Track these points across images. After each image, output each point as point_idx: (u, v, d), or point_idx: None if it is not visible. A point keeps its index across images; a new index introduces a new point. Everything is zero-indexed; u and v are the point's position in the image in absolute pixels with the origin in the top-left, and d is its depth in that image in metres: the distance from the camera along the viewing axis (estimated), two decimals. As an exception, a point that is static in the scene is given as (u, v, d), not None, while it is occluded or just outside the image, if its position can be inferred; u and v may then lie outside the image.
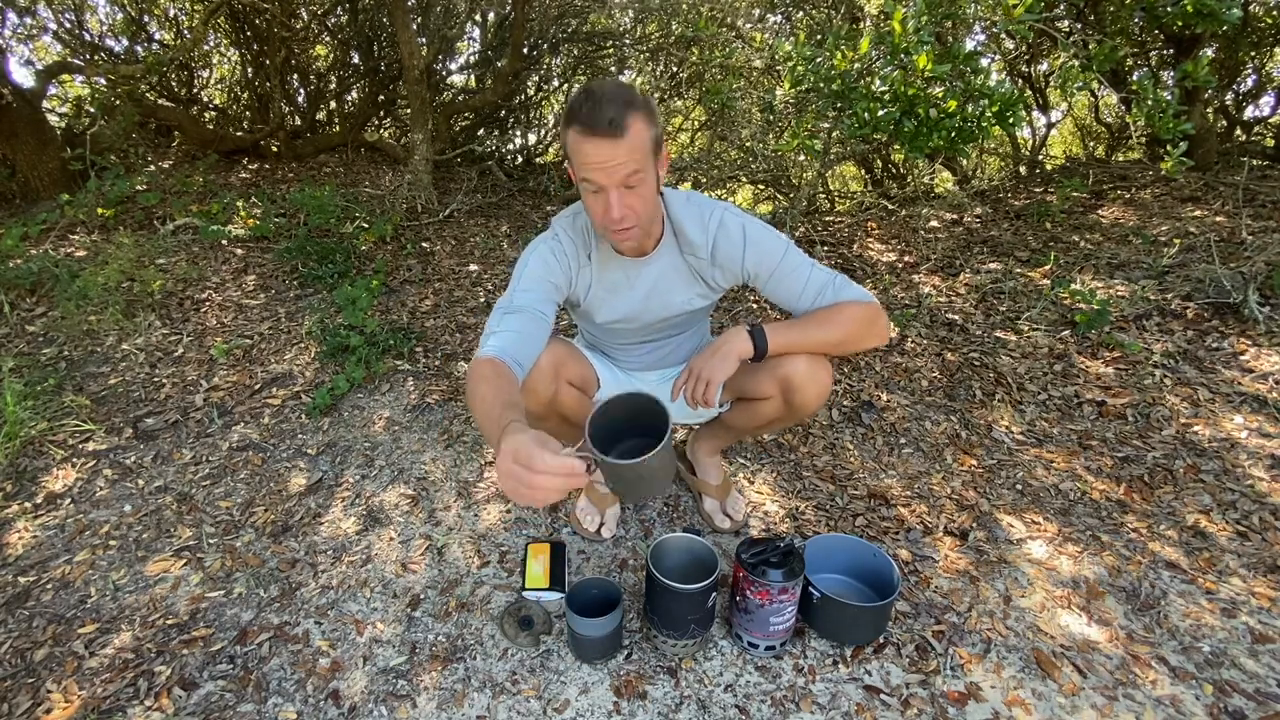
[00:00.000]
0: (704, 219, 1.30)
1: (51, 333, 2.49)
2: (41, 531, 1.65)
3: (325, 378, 2.29)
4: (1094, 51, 2.31)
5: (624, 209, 1.13)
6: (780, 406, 1.38)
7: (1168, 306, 2.41)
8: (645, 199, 1.15)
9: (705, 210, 1.30)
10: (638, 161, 1.09)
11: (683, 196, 1.32)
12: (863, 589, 1.45)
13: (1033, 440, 1.98)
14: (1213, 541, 1.59)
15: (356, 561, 1.56)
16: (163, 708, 1.23)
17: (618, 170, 1.09)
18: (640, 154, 1.09)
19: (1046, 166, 4.75)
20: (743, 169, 4.01)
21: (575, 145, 1.09)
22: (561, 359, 1.34)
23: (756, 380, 1.38)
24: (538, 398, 1.33)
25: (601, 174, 1.09)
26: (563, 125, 1.12)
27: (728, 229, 1.29)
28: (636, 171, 1.10)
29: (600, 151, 1.07)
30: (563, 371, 1.35)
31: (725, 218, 1.29)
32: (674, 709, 1.23)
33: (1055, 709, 1.23)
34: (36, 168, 3.44)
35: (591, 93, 1.07)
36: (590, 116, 1.05)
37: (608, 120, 1.05)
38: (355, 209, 3.46)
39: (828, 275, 1.30)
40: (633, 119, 1.07)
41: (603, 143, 1.06)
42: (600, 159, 1.08)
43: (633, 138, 1.07)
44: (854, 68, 2.44)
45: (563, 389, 1.36)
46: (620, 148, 1.07)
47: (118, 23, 4.47)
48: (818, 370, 1.32)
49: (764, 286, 1.32)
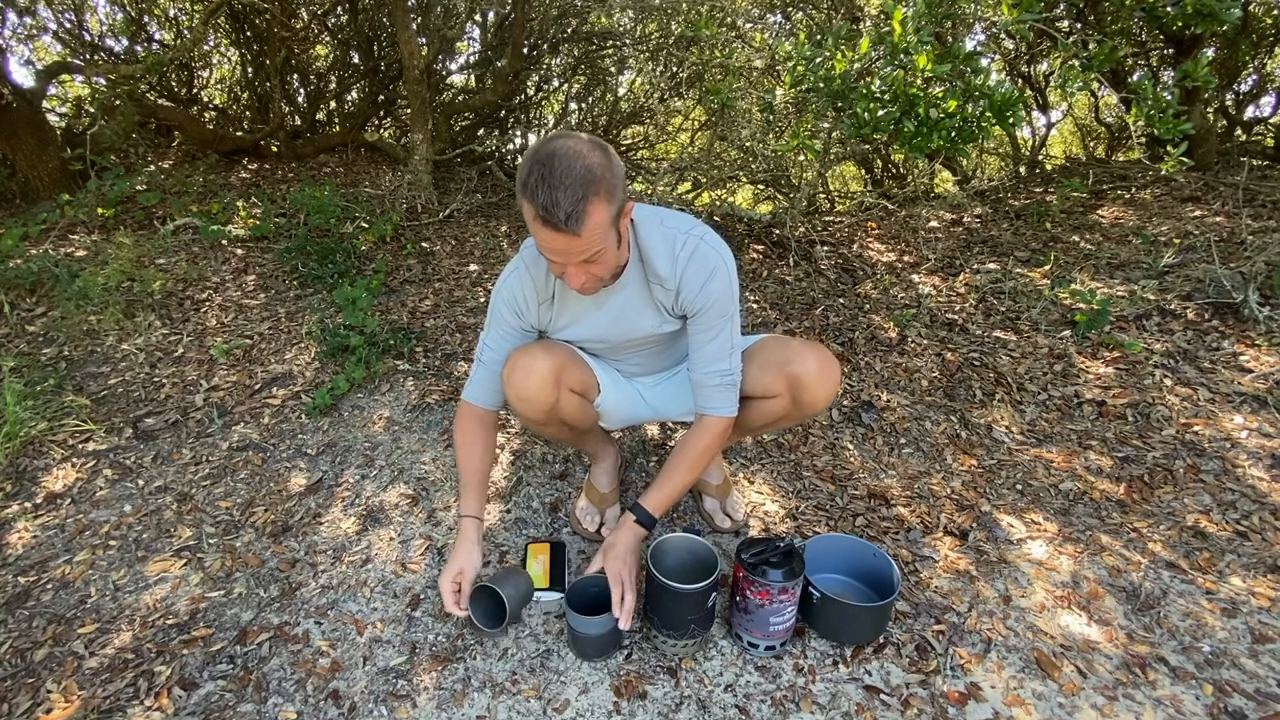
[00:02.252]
0: (674, 248, 1.24)
1: (51, 333, 2.49)
2: (41, 531, 1.65)
3: (325, 378, 2.29)
4: (1094, 51, 2.31)
5: (584, 277, 1.12)
6: (788, 404, 1.36)
7: (1168, 306, 2.41)
8: (606, 264, 1.13)
9: (679, 238, 1.24)
10: (597, 243, 1.06)
11: (656, 220, 1.25)
12: (863, 589, 1.45)
13: (1033, 440, 1.98)
14: (1213, 541, 1.59)
15: (356, 561, 1.56)
16: (163, 708, 1.23)
17: (575, 256, 1.07)
18: (599, 236, 1.05)
19: (1046, 166, 4.76)
20: (743, 169, 4.01)
21: (530, 223, 1.05)
22: (563, 365, 1.33)
23: (765, 379, 1.36)
24: (538, 406, 1.32)
25: (559, 257, 1.09)
26: (517, 188, 1.05)
27: (698, 262, 1.24)
28: (598, 251, 1.08)
29: (556, 242, 1.04)
30: (564, 378, 1.34)
31: (700, 248, 1.23)
32: (674, 709, 1.23)
33: (1055, 709, 1.23)
34: (36, 168, 3.43)
35: (551, 170, 0.99)
36: (546, 209, 1.00)
37: (563, 217, 1.00)
38: (355, 209, 3.46)
39: (726, 367, 1.30)
40: (591, 208, 1.01)
41: (558, 236, 1.03)
42: (557, 248, 1.06)
43: (591, 229, 1.02)
44: (854, 68, 2.44)
45: (564, 396, 1.35)
46: (577, 242, 1.04)
47: (118, 23, 4.47)
48: (827, 369, 1.31)
49: (690, 322, 1.31)
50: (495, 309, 1.36)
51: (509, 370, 1.32)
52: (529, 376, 1.29)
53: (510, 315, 1.35)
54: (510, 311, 1.35)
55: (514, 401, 1.34)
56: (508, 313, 1.35)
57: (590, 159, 1.02)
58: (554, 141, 1.03)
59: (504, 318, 1.36)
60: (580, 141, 1.04)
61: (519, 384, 1.30)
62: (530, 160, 1.02)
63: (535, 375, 1.29)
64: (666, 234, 1.25)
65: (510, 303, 1.34)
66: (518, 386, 1.31)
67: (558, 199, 0.99)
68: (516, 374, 1.31)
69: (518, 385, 1.31)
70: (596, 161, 1.02)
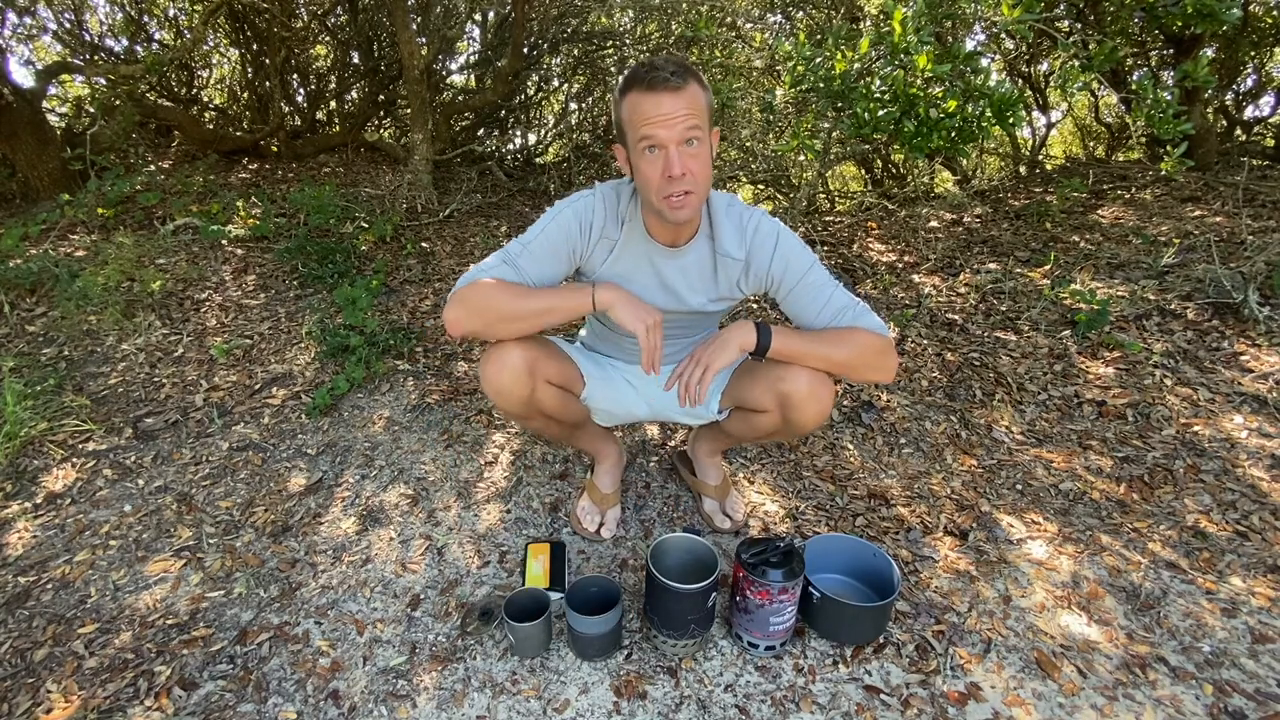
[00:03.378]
0: (742, 220, 1.30)
1: (51, 333, 2.49)
2: (41, 531, 1.65)
3: (325, 378, 2.29)
4: (1094, 51, 2.31)
5: (684, 165, 1.12)
6: (778, 421, 1.36)
7: (1168, 306, 2.41)
8: (703, 163, 1.15)
9: (744, 213, 1.31)
10: (697, 118, 1.11)
11: (725, 198, 1.32)
12: (863, 589, 1.45)
13: (1033, 440, 1.98)
14: (1213, 541, 1.59)
15: (356, 561, 1.56)
16: (163, 708, 1.23)
17: (679, 123, 1.10)
18: (699, 113, 1.11)
19: (1046, 166, 4.75)
20: (743, 169, 4.01)
21: (634, 105, 1.11)
22: (535, 358, 1.30)
23: (756, 393, 1.36)
24: (512, 397, 1.31)
25: (663, 127, 1.10)
26: (619, 94, 1.15)
27: (762, 233, 1.29)
28: (696, 127, 1.11)
29: (662, 104, 1.09)
30: (539, 370, 1.32)
31: (762, 222, 1.30)
32: (674, 709, 1.23)
33: (1055, 709, 1.23)
34: (36, 168, 3.44)
35: (650, 61, 1.12)
36: (650, 76, 1.09)
37: (670, 73, 1.09)
38: (355, 209, 3.46)
39: (849, 299, 1.29)
40: (691, 80, 1.11)
41: (664, 96, 1.09)
42: (662, 111, 1.09)
43: (692, 95, 1.10)
44: (854, 68, 2.44)
45: (540, 388, 1.33)
46: (681, 99, 1.09)
47: (118, 23, 4.47)
48: (819, 390, 1.29)
49: (784, 298, 1.31)
50: (550, 223, 1.26)
51: (484, 363, 1.31)
52: (502, 369, 1.28)
53: (559, 234, 1.25)
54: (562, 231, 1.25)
55: (491, 395, 1.33)
56: (559, 232, 1.25)
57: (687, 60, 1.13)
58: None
59: (552, 237, 1.25)
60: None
61: (493, 376, 1.29)
62: (630, 70, 1.14)
63: (508, 368, 1.27)
64: (734, 210, 1.31)
65: (566, 225, 1.25)
66: (492, 379, 1.29)
67: (662, 67, 1.10)
68: (490, 366, 1.29)
69: (492, 378, 1.29)
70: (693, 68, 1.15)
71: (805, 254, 1.30)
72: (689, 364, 1.27)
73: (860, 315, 1.29)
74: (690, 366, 1.26)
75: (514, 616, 1.28)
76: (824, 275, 1.30)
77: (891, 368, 1.30)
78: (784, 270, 1.29)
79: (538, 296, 1.23)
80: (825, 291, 1.29)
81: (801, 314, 1.31)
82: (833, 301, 1.28)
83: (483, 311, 1.21)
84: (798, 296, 1.30)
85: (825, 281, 1.29)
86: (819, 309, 1.29)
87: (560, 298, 1.24)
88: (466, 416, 2.11)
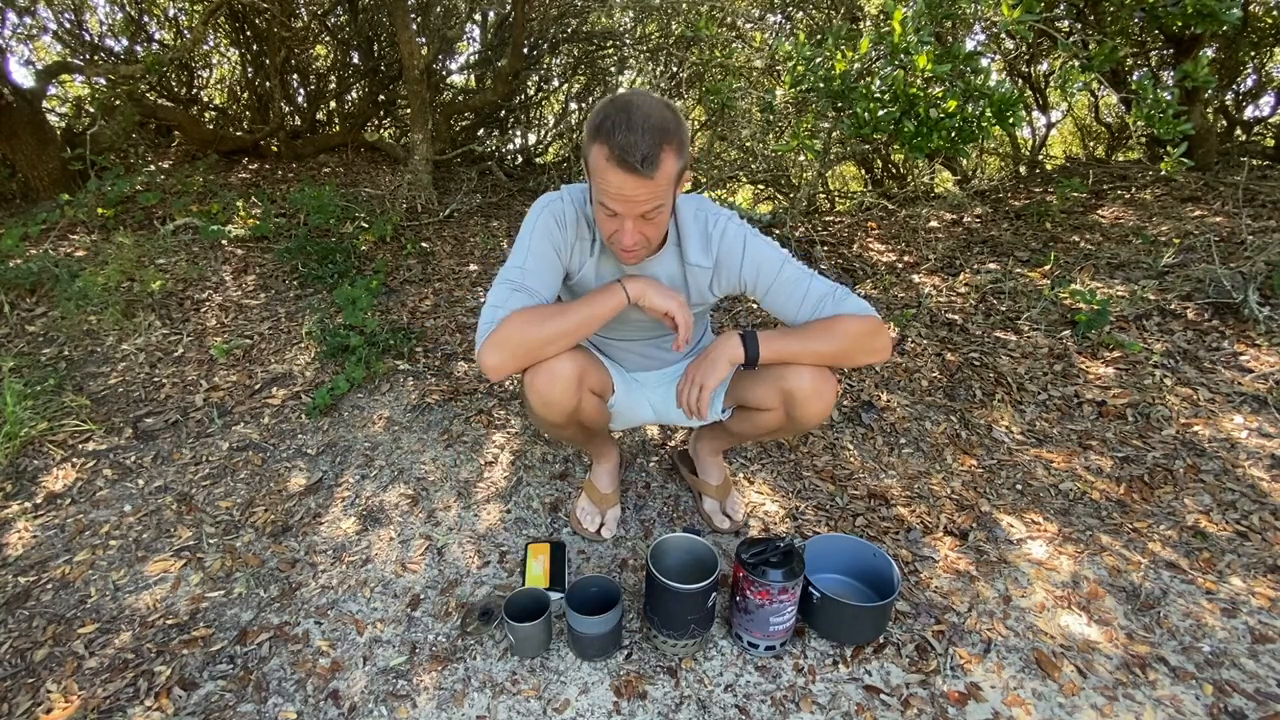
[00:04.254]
0: (708, 228, 1.29)
1: (51, 333, 2.49)
2: (41, 531, 1.65)
3: (325, 378, 2.29)
4: (1094, 51, 2.31)
5: (637, 237, 1.12)
6: (781, 418, 1.37)
7: (1168, 306, 2.41)
8: (659, 226, 1.14)
9: (710, 218, 1.29)
10: (661, 196, 1.08)
11: (692, 204, 1.30)
12: (863, 589, 1.45)
13: (1033, 440, 1.98)
14: (1213, 541, 1.59)
15: (356, 561, 1.56)
16: (163, 708, 1.23)
17: (640, 206, 1.07)
18: (665, 188, 1.08)
19: (1046, 166, 4.76)
20: (743, 169, 4.01)
21: (600, 168, 1.06)
22: (585, 367, 1.30)
23: (759, 391, 1.36)
24: (561, 409, 1.28)
25: (622, 206, 1.08)
26: (589, 134, 1.07)
27: (729, 238, 1.28)
28: (658, 206, 1.09)
29: (626, 186, 1.05)
30: (586, 380, 1.31)
31: (729, 227, 1.29)
32: (674, 709, 1.23)
33: (1055, 709, 1.23)
34: (36, 168, 3.44)
35: (629, 115, 1.02)
36: (624, 148, 1.01)
37: (640, 158, 1.01)
38: (355, 209, 3.46)
39: (828, 286, 1.28)
40: (665, 155, 1.04)
41: (629, 178, 1.04)
42: (625, 193, 1.06)
43: (661, 176, 1.05)
44: (854, 68, 2.44)
45: (586, 398, 1.33)
46: (646, 187, 1.05)
47: (117, 23, 4.47)
48: (822, 386, 1.29)
49: (763, 298, 1.31)
50: (533, 235, 1.25)
51: (532, 374, 1.24)
52: (553, 381, 1.24)
53: (543, 240, 1.24)
54: (544, 236, 1.24)
55: (537, 406, 1.29)
56: (542, 239, 1.24)
57: (665, 112, 1.06)
58: (629, 94, 1.08)
59: (538, 244, 1.24)
60: (654, 96, 1.08)
61: (544, 388, 1.25)
62: (606, 107, 1.05)
63: (559, 379, 1.24)
64: (700, 217, 1.29)
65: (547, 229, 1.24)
66: (543, 391, 1.25)
67: (636, 141, 1.01)
68: (540, 378, 1.24)
69: (543, 389, 1.25)
70: (671, 116, 1.06)
71: (774, 253, 1.29)
72: (686, 384, 1.31)
73: (841, 301, 1.27)
74: (688, 388, 1.30)
75: (514, 616, 1.29)
76: (797, 269, 1.29)
77: (885, 346, 1.28)
78: (756, 274, 1.28)
79: (572, 311, 1.21)
80: (802, 285, 1.28)
81: (782, 311, 1.31)
82: (811, 293, 1.27)
83: (526, 346, 1.19)
84: (775, 295, 1.30)
85: (799, 275, 1.28)
86: (799, 303, 1.28)
87: (594, 305, 1.22)
88: (466, 416, 2.11)
